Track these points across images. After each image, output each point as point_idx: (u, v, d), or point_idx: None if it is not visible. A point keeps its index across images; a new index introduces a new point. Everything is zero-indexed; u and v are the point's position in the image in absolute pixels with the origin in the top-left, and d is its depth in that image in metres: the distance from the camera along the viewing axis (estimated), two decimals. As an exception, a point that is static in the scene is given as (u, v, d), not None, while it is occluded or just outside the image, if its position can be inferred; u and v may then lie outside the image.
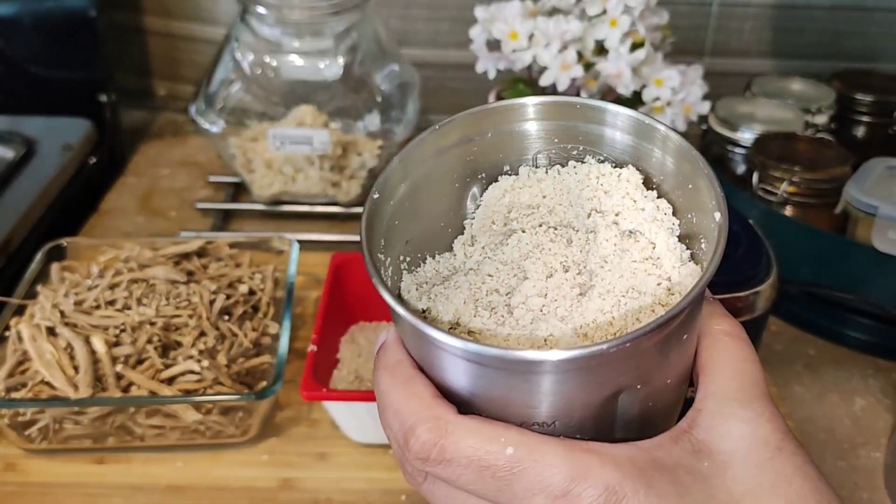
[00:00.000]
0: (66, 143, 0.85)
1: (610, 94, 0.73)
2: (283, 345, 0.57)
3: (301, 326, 0.67)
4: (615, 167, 0.35)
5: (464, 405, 0.29)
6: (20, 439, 0.54)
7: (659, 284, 0.31)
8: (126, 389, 0.53)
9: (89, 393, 0.52)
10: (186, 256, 0.64)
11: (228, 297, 0.60)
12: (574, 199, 0.35)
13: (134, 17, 1.01)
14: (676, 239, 0.33)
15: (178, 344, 0.56)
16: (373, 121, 0.79)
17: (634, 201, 0.34)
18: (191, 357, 0.54)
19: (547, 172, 0.36)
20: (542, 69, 0.69)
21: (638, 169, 0.34)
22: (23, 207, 0.75)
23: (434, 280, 0.34)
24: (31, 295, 0.60)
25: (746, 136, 0.75)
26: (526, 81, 0.76)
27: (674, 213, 0.33)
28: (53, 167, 0.81)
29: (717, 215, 0.30)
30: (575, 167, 0.36)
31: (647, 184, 0.34)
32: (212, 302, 0.59)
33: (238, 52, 0.77)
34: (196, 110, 0.79)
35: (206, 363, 0.54)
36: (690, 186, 0.32)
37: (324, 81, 0.78)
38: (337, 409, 0.55)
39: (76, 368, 0.53)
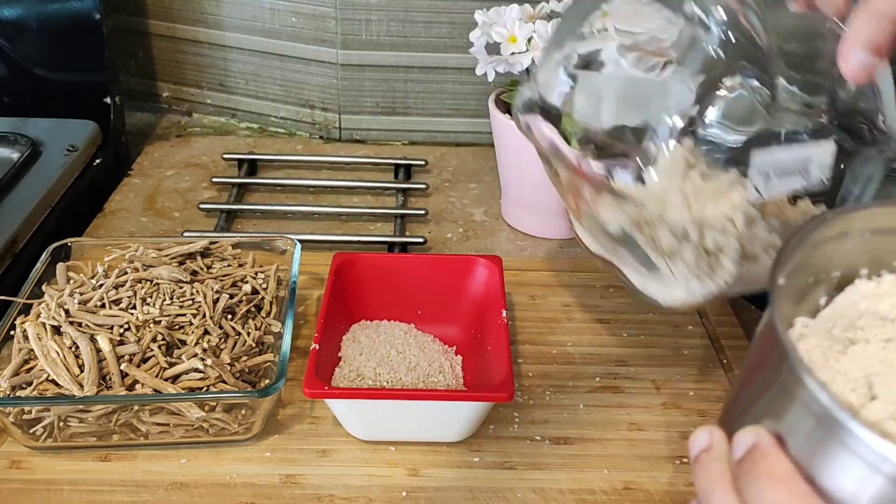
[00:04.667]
0: (71, 145, 0.85)
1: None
2: (286, 343, 0.57)
3: (303, 325, 0.67)
4: None
5: None
6: (26, 437, 0.54)
7: None
8: (131, 387, 0.54)
9: (94, 391, 0.53)
10: (190, 256, 0.65)
11: (232, 296, 0.61)
12: None
13: (138, 20, 1.01)
14: None
15: (182, 343, 0.57)
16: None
17: None
18: (195, 355, 0.55)
19: None
20: (542, 71, 0.69)
21: None
22: (28, 208, 0.76)
23: None
24: (37, 294, 0.61)
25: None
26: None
27: None
28: (59, 168, 0.82)
29: None
30: None
31: None
32: (215, 301, 0.60)
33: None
34: None
35: (209, 361, 0.55)
36: None
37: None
38: (339, 407, 0.55)
39: (81, 367, 0.54)
